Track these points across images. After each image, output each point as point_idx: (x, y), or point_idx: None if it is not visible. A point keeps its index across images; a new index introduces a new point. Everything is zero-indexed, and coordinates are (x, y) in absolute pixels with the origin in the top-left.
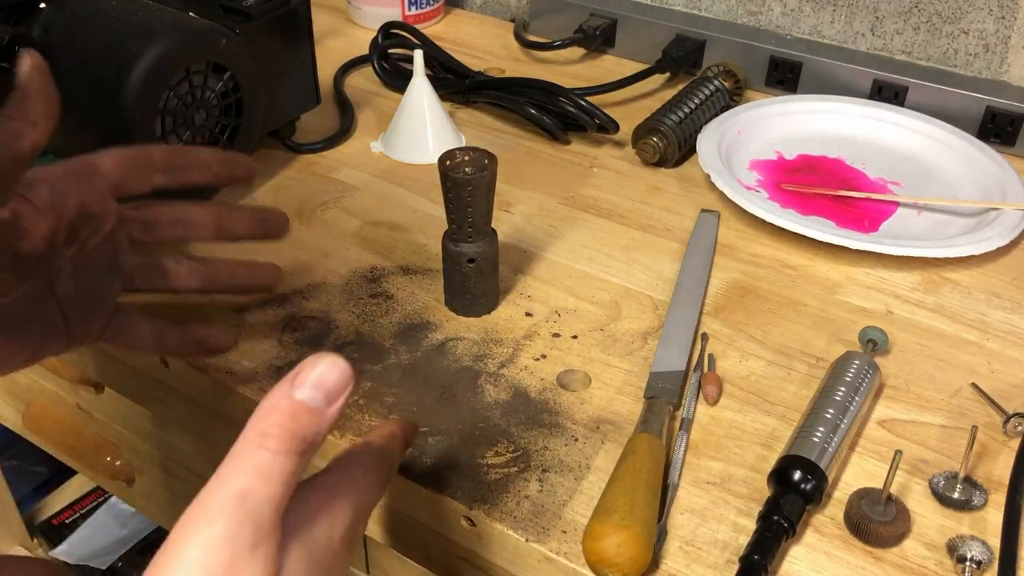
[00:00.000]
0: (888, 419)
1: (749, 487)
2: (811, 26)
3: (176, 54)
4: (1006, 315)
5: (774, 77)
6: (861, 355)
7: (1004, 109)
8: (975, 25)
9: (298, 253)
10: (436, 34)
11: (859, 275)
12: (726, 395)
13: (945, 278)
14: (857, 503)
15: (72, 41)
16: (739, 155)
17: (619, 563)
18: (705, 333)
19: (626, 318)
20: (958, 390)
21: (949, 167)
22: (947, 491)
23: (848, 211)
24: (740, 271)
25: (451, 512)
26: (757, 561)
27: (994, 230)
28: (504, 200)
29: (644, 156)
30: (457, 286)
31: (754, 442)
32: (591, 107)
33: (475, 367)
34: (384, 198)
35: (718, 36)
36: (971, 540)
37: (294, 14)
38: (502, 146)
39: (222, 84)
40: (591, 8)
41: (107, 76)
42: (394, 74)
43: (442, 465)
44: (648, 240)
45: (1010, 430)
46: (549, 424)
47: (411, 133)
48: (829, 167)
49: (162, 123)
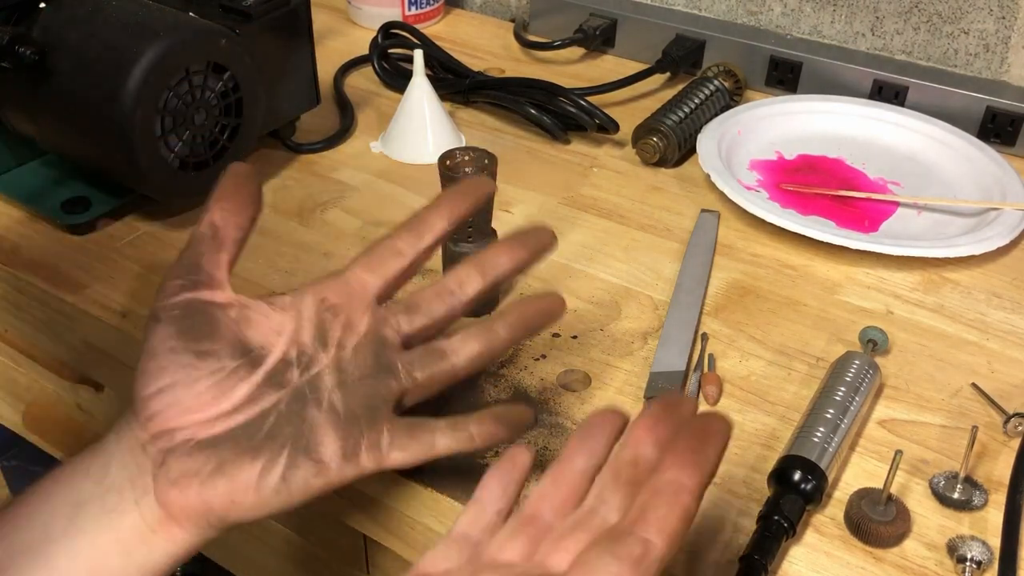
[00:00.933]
0: (888, 419)
1: (749, 487)
2: (811, 26)
3: (176, 54)
4: (1006, 315)
5: (774, 77)
6: (861, 355)
7: (1004, 109)
8: (975, 25)
9: (298, 253)
10: (436, 34)
11: (859, 275)
12: (726, 395)
13: (945, 278)
14: (857, 503)
15: (72, 41)
16: (739, 155)
17: None
18: (705, 333)
19: (626, 318)
20: (958, 390)
21: (949, 167)
22: (947, 491)
23: (848, 211)
24: (740, 271)
25: (451, 512)
26: (757, 561)
27: (994, 230)
28: (504, 200)
29: (644, 156)
30: None
31: (754, 442)
32: (591, 107)
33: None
34: (384, 198)
35: (718, 36)
36: (971, 540)
37: (294, 14)
38: (502, 146)
39: (222, 84)
40: (591, 8)
41: (107, 76)
42: (394, 74)
43: (442, 465)
44: (648, 240)
45: (1010, 430)
46: (549, 424)
47: (411, 133)
48: (829, 167)
49: (162, 123)
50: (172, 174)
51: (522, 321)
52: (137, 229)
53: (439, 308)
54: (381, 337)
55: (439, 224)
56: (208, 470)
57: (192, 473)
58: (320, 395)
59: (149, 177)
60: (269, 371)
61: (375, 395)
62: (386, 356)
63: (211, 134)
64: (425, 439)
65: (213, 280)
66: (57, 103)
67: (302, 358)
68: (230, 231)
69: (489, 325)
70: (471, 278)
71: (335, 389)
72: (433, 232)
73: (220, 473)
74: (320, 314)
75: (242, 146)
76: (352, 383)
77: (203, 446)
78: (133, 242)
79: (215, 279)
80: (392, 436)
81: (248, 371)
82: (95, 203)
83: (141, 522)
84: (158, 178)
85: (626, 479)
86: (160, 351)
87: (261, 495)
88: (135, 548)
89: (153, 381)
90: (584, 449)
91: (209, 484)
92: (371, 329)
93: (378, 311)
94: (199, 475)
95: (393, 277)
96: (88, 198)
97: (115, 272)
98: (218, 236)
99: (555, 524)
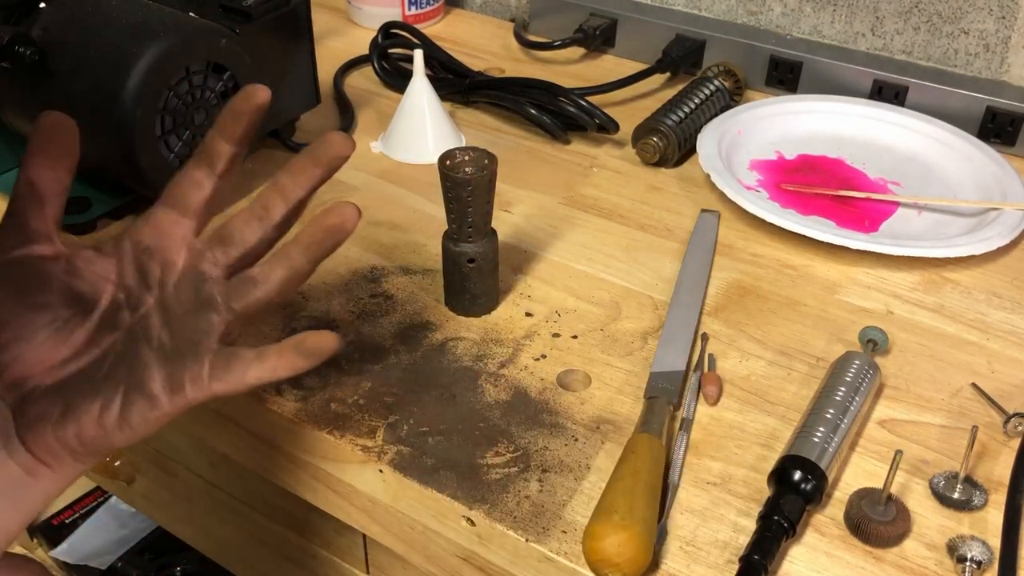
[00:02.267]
0: (888, 419)
1: (749, 487)
2: (811, 26)
3: (176, 54)
4: (1006, 315)
5: (774, 77)
6: (861, 355)
7: (1004, 109)
8: (975, 25)
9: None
10: (436, 34)
11: (859, 275)
12: (726, 395)
13: (945, 278)
14: (857, 503)
15: (72, 41)
16: (739, 155)
17: (619, 563)
18: (705, 333)
19: (626, 318)
20: (958, 390)
21: (949, 167)
22: (947, 491)
23: (848, 211)
24: (740, 271)
25: (451, 512)
26: (757, 561)
27: (994, 230)
28: (504, 200)
29: (644, 156)
30: (457, 286)
31: (754, 442)
32: (591, 107)
33: (475, 367)
34: (384, 198)
35: (718, 36)
36: (971, 540)
37: (294, 14)
38: (502, 146)
39: (222, 84)
40: (591, 8)
41: (107, 76)
42: (394, 74)
43: (442, 465)
44: (648, 240)
45: (1010, 430)
46: (549, 424)
47: (411, 133)
48: (829, 167)
49: (162, 123)
50: (172, 174)
51: (313, 242)
52: None
53: (251, 236)
54: (199, 272)
55: (227, 148)
56: (56, 413)
57: (43, 416)
58: (150, 333)
59: (149, 177)
60: (102, 315)
61: (196, 329)
62: (205, 290)
63: None
64: (238, 369)
65: (38, 234)
66: (57, 103)
67: (130, 299)
68: (48, 184)
69: (286, 251)
70: (273, 202)
71: (163, 327)
72: (224, 157)
73: (66, 415)
74: (138, 256)
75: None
76: (176, 319)
77: (50, 391)
78: None
79: (40, 233)
80: (212, 368)
81: (83, 318)
82: (95, 203)
83: (12, 465)
84: (158, 178)
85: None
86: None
87: (104, 429)
88: (13, 491)
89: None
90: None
91: (59, 425)
92: (188, 265)
93: (194, 246)
94: (49, 417)
95: (197, 209)
96: (88, 198)
97: None
98: (36, 191)
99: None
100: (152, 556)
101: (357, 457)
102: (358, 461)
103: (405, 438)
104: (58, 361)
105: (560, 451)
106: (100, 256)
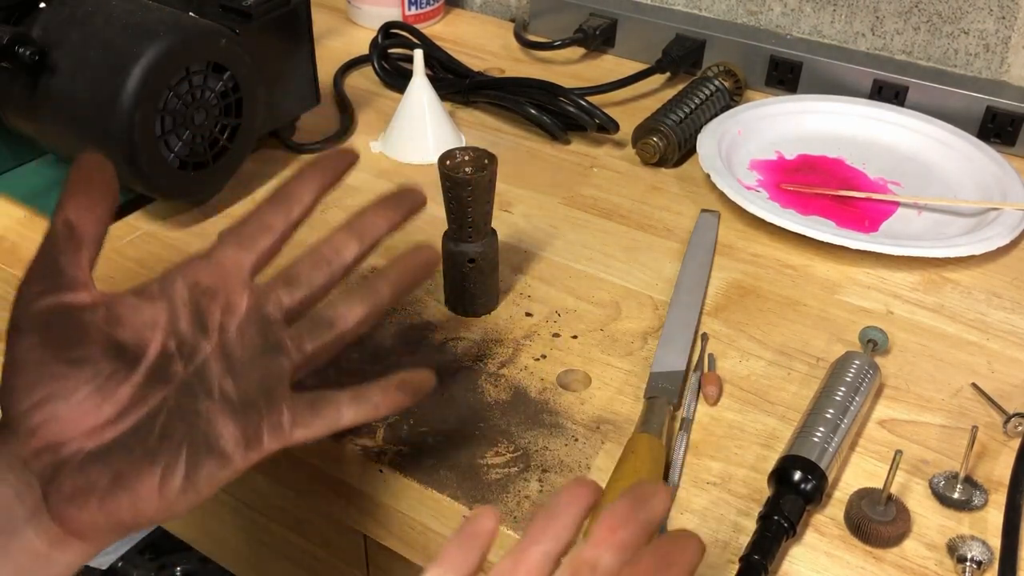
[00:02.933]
0: (888, 419)
1: (749, 487)
2: (811, 26)
3: (176, 54)
4: (1006, 315)
5: (774, 77)
6: (861, 355)
7: (1004, 109)
8: (975, 25)
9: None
10: (436, 34)
11: (859, 275)
12: (726, 395)
13: (945, 278)
14: (857, 503)
15: (71, 41)
16: (739, 155)
17: None
18: (705, 333)
19: (626, 318)
20: (958, 390)
21: (949, 167)
22: (947, 491)
23: (848, 211)
24: (740, 271)
25: (451, 512)
26: (757, 561)
27: (994, 230)
28: (504, 200)
29: (644, 156)
30: (457, 286)
31: (754, 442)
32: (591, 107)
33: (475, 367)
34: None
35: (718, 36)
36: (971, 540)
37: (294, 14)
38: (502, 146)
39: (222, 84)
40: (591, 8)
41: (106, 76)
42: (394, 74)
43: (442, 465)
44: (648, 240)
45: (1010, 430)
46: (549, 424)
47: (411, 133)
48: (829, 167)
49: (162, 123)
50: (172, 174)
51: (403, 277)
52: (137, 229)
53: (318, 278)
54: (264, 315)
55: (306, 196)
56: (105, 483)
57: (88, 488)
58: (210, 384)
59: (149, 177)
60: (150, 368)
61: (268, 375)
62: (272, 333)
63: (211, 134)
64: (329, 413)
65: (75, 281)
66: (57, 103)
67: (183, 348)
68: (87, 227)
69: (372, 286)
70: (348, 244)
71: (225, 376)
72: (301, 204)
73: (119, 485)
74: (195, 299)
75: (242, 146)
76: (241, 367)
77: (94, 458)
78: (133, 242)
79: (76, 280)
80: (293, 414)
81: (127, 372)
82: None
83: (36, 541)
84: (158, 178)
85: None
86: (27, 364)
87: (167, 499)
88: (31, 566)
89: (26, 396)
90: (549, 530)
91: (109, 498)
92: (252, 308)
93: (257, 288)
94: (96, 489)
95: (264, 253)
96: None
97: (115, 272)
98: (75, 234)
99: None
100: (152, 556)
101: (357, 457)
102: (358, 461)
103: (405, 438)
104: (100, 422)
105: (560, 451)
106: (145, 301)
